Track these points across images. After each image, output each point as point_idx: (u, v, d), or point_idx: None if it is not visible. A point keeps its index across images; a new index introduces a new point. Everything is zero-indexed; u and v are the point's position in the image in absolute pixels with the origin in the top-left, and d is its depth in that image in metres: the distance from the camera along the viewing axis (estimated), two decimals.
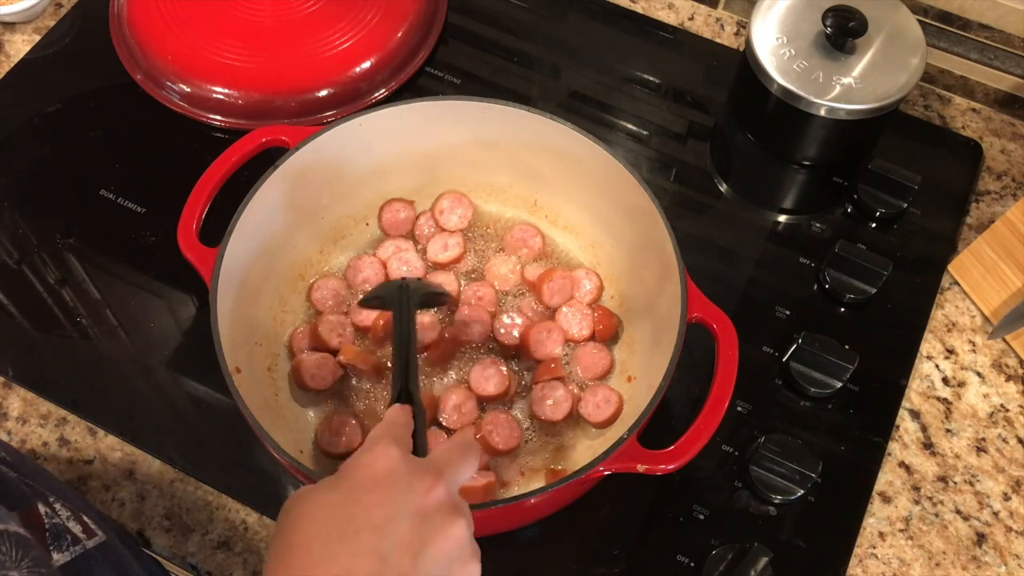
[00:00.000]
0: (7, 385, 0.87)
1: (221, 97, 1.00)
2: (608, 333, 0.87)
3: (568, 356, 0.87)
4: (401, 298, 0.74)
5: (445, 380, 0.86)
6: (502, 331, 0.87)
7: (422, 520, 0.51)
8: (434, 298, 0.80)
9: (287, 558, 0.51)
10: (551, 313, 0.88)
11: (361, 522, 0.51)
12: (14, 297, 0.92)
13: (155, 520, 0.82)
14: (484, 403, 0.84)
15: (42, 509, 0.59)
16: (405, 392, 0.65)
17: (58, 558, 0.58)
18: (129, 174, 0.99)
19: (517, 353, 0.87)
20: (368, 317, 0.87)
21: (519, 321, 0.87)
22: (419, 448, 0.60)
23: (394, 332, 0.72)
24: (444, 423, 0.83)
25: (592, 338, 0.87)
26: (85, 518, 0.61)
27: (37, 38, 1.07)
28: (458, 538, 0.52)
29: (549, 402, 0.83)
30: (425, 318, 0.87)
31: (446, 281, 0.89)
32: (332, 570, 0.49)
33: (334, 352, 0.85)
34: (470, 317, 0.87)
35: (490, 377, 0.84)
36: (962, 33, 1.03)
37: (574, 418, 0.84)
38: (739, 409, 0.87)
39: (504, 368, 0.84)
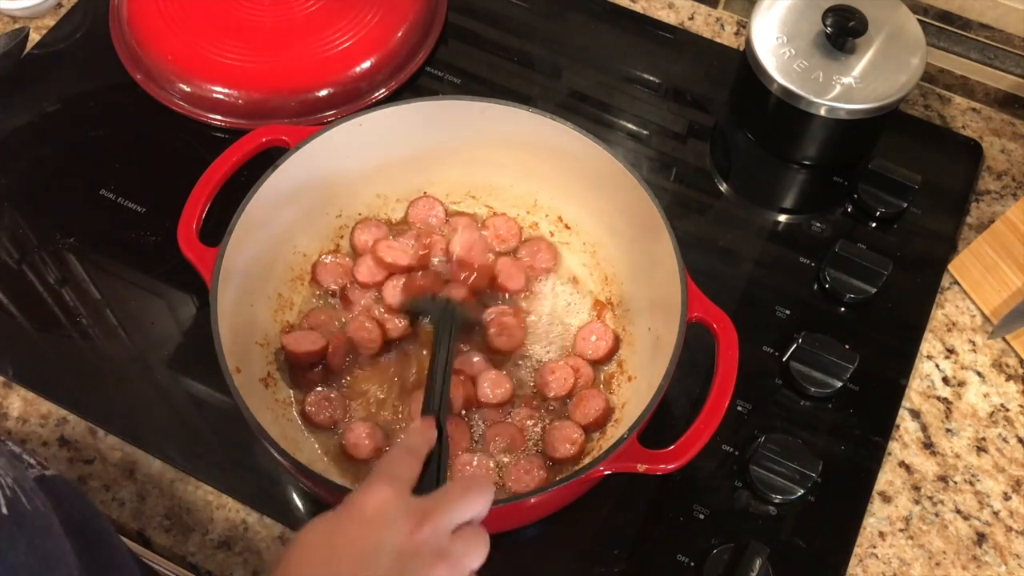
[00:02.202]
0: (7, 385, 0.87)
1: (221, 97, 1.00)
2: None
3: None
4: (446, 318, 0.75)
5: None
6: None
7: (403, 559, 0.53)
8: (472, 328, 0.83)
9: (290, 567, 0.54)
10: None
11: (343, 553, 0.53)
12: (14, 297, 0.92)
13: (155, 520, 0.82)
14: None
15: None
16: (432, 411, 0.66)
17: (27, 473, 0.60)
18: (129, 174, 0.99)
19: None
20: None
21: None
22: (438, 475, 0.61)
23: (434, 351, 0.73)
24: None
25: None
26: (36, 458, 0.63)
27: (37, 37, 1.07)
28: None
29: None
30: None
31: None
32: None
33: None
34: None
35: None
36: (962, 33, 1.03)
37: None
38: (739, 409, 0.87)
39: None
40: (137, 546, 0.83)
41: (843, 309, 0.93)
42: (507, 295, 0.89)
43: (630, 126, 1.05)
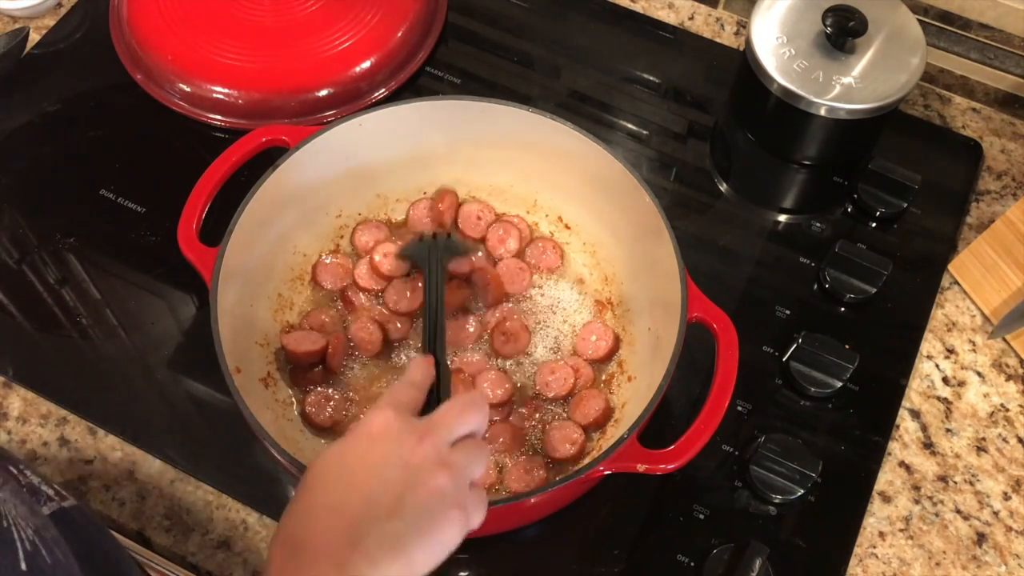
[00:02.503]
0: (7, 385, 0.87)
1: (221, 97, 1.00)
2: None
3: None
4: (432, 256, 0.78)
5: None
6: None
7: (408, 469, 0.57)
8: (461, 247, 0.84)
9: (296, 496, 0.59)
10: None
11: (355, 466, 0.58)
12: (14, 297, 0.92)
13: (155, 520, 0.82)
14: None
15: (14, 471, 0.61)
16: (430, 349, 0.71)
17: (44, 511, 0.60)
18: (129, 174, 0.99)
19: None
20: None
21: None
22: (439, 402, 0.65)
23: (425, 290, 0.76)
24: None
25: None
26: (55, 486, 0.63)
27: (37, 37, 1.07)
28: (438, 488, 0.57)
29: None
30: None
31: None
32: (327, 502, 0.57)
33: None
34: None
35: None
36: (962, 33, 1.03)
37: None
38: (739, 409, 0.87)
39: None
40: (137, 546, 0.83)
41: (843, 309, 0.93)
42: (509, 297, 0.89)
43: (630, 126, 1.05)
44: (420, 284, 0.87)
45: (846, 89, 0.92)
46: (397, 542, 0.55)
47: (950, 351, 0.93)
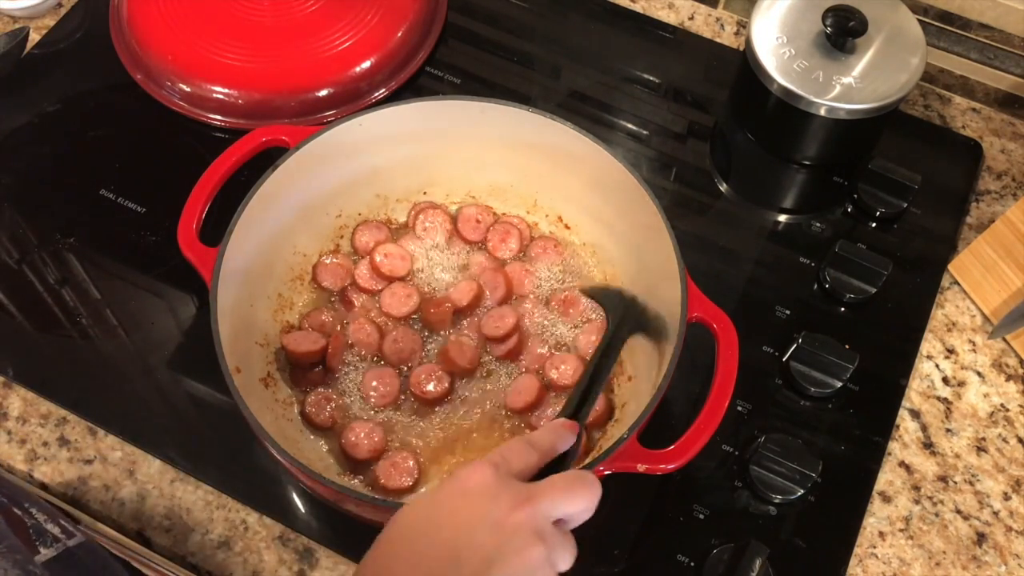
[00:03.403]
0: (7, 385, 0.87)
1: (221, 97, 1.00)
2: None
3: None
4: (625, 314, 0.75)
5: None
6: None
7: (502, 533, 0.53)
8: (648, 325, 0.78)
9: (378, 548, 0.56)
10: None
11: (444, 522, 0.54)
12: (14, 297, 0.92)
13: (155, 520, 0.82)
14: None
15: (18, 512, 0.60)
16: (575, 414, 0.67)
17: (45, 552, 0.60)
18: (129, 174, 0.99)
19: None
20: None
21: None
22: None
23: (601, 346, 0.72)
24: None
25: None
26: (62, 522, 0.63)
27: (37, 37, 1.07)
28: (533, 561, 0.53)
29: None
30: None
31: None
32: (409, 556, 0.53)
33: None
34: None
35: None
36: (962, 33, 1.03)
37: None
38: (739, 409, 0.87)
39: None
40: (137, 546, 0.83)
41: (843, 309, 0.93)
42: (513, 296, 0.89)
43: (630, 126, 1.05)
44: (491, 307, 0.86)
45: (846, 89, 0.92)
46: None
47: (950, 351, 0.93)
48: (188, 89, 1.00)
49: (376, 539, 0.56)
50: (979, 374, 0.91)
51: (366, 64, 1.02)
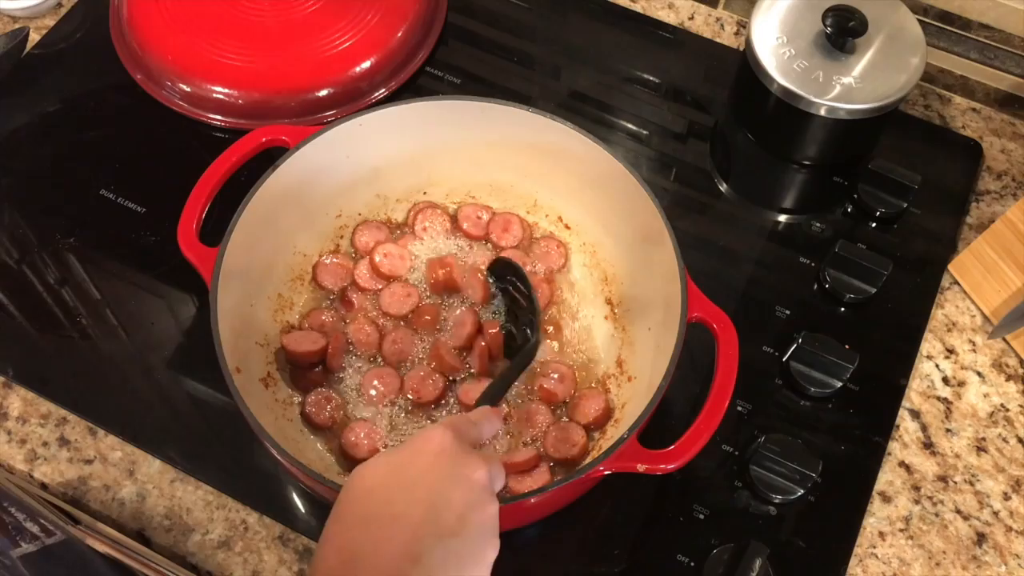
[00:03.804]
0: (7, 385, 0.87)
1: (221, 97, 1.00)
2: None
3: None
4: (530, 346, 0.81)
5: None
6: None
7: (471, 491, 0.58)
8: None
9: (346, 502, 0.58)
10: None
11: (417, 479, 0.58)
12: (14, 297, 0.92)
13: (155, 520, 0.82)
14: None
15: None
16: (496, 400, 0.74)
17: (25, 547, 0.60)
18: (129, 174, 0.99)
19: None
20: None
21: None
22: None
23: (516, 359, 0.80)
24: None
25: None
26: (42, 521, 0.63)
27: (37, 37, 1.07)
28: (492, 516, 0.59)
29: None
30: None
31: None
32: (391, 512, 0.56)
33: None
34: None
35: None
36: (962, 33, 1.03)
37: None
38: (739, 409, 0.87)
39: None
40: (137, 546, 0.83)
41: (843, 309, 0.93)
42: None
43: (630, 126, 1.05)
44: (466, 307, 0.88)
45: (846, 89, 0.92)
46: (459, 561, 0.55)
47: (950, 351, 0.93)
48: (188, 89, 1.01)
49: (335, 508, 0.58)
50: (979, 374, 0.91)
51: (366, 64, 1.02)
